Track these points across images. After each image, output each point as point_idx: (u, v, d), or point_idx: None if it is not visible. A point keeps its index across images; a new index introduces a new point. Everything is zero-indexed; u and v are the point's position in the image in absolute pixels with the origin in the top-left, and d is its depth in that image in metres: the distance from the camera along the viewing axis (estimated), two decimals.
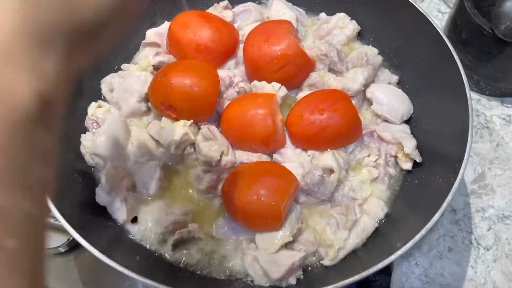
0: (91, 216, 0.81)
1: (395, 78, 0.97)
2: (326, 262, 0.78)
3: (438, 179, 0.79)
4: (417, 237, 0.69)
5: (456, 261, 0.88)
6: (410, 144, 0.86)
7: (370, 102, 0.94)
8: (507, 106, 1.06)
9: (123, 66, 0.97)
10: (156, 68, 0.95)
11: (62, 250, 0.86)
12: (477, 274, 0.87)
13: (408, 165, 0.87)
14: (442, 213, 0.71)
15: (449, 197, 0.72)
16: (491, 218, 0.92)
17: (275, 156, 0.87)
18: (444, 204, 0.71)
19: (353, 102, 0.90)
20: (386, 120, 0.92)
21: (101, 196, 0.80)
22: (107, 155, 0.82)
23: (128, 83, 0.91)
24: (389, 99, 0.91)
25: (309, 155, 0.86)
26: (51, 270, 0.91)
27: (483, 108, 1.05)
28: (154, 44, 0.99)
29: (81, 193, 0.82)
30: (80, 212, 0.79)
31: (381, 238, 0.79)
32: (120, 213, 0.80)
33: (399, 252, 0.68)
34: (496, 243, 0.90)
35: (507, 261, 0.88)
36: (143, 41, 1.00)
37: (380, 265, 0.67)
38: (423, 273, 0.87)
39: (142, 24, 1.02)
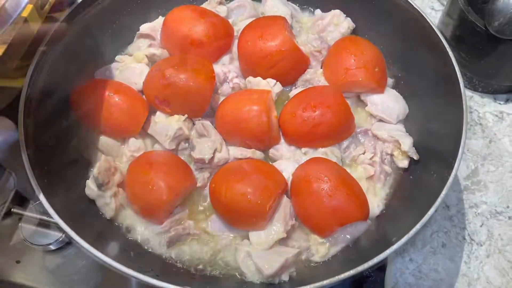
0: (85, 212, 0.80)
1: (390, 81, 0.96)
2: (316, 258, 0.78)
3: (433, 175, 0.80)
4: (412, 232, 0.69)
5: (449, 256, 0.89)
6: (407, 142, 0.86)
7: (364, 104, 0.93)
8: (499, 103, 1.06)
9: (118, 57, 0.97)
10: (150, 59, 0.94)
11: (53, 247, 0.85)
12: (470, 270, 0.88)
13: (404, 163, 0.87)
14: (436, 208, 0.71)
15: (443, 192, 0.72)
16: (484, 214, 0.93)
17: (272, 151, 0.87)
18: (439, 199, 0.72)
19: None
20: (381, 120, 0.92)
21: (91, 189, 0.79)
22: (104, 149, 0.81)
23: (124, 75, 0.90)
24: (383, 100, 0.91)
25: (303, 152, 0.86)
26: (44, 268, 0.90)
27: (476, 105, 1.06)
28: (148, 36, 0.98)
29: (75, 190, 0.81)
30: (74, 209, 0.78)
31: (376, 234, 0.79)
32: (108, 208, 0.80)
33: (394, 247, 0.68)
34: (489, 238, 0.90)
35: (500, 257, 0.89)
36: (137, 32, 0.99)
37: (375, 260, 0.67)
38: (417, 269, 0.87)
39: (136, 20, 1.01)
